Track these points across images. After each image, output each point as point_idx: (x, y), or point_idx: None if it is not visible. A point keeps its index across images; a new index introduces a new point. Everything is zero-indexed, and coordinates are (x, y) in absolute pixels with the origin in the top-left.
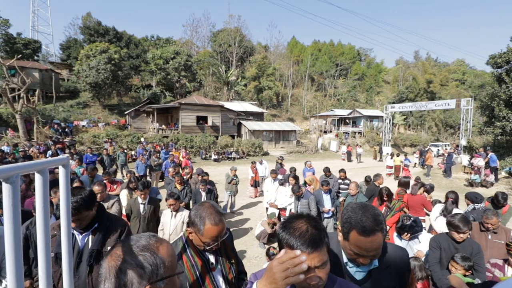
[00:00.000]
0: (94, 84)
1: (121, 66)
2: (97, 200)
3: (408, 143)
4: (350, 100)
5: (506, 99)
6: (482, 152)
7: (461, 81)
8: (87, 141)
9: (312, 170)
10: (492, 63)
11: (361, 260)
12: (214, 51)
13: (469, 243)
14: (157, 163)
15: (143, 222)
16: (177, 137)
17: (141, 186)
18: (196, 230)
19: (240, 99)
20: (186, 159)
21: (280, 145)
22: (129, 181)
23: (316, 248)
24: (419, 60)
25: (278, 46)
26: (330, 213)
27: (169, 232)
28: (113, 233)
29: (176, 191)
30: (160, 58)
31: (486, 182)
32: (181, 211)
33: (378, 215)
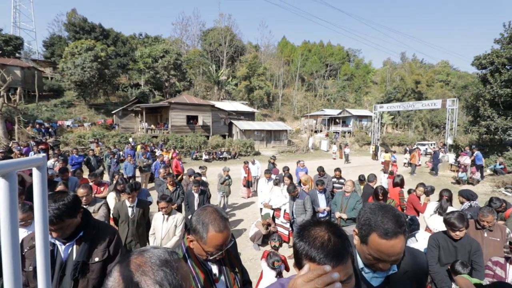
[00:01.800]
0: (79, 83)
1: (108, 64)
2: (82, 206)
3: (396, 142)
4: (340, 100)
5: (491, 99)
6: (468, 150)
7: (446, 82)
8: (72, 142)
9: (305, 170)
10: (477, 64)
11: (380, 265)
12: (204, 50)
13: (468, 241)
14: (146, 164)
15: (132, 226)
16: (167, 137)
17: (128, 188)
18: (198, 238)
19: (231, 98)
20: (176, 159)
21: (272, 145)
22: (116, 183)
23: (341, 260)
24: (405, 61)
25: (269, 46)
26: (325, 213)
27: (161, 237)
28: (100, 242)
29: (167, 193)
30: (149, 56)
31: (473, 179)
32: (174, 214)
33: (399, 216)
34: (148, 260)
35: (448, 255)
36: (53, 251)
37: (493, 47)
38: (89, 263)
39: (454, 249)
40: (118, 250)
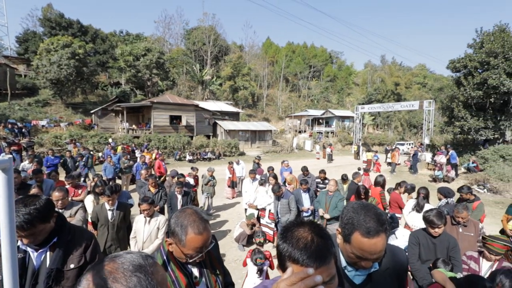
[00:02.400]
0: (55, 81)
1: (86, 62)
2: (55, 209)
3: (376, 142)
4: (323, 101)
5: (464, 101)
6: (443, 150)
7: (423, 84)
8: (48, 143)
9: (289, 170)
10: (451, 67)
11: (363, 263)
12: (188, 49)
13: (446, 238)
14: (127, 165)
15: (112, 230)
16: (149, 137)
17: (108, 190)
18: (177, 241)
19: (215, 98)
20: (159, 160)
21: (256, 145)
22: (95, 185)
23: (324, 261)
24: (385, 63)
25: (253, 47)
26: (309, 212)
27: (143, 240)
28: (76, 248)
29: (149, 195)
30: (130, 54)
31: (448, 177)
32: (156, 217)
33: (381, 214)
34: (120, 266)
35: (427, 252)
36: (25, 259)
37: (466, 52)
38: (64, 270)
39: (433, 246)
40: (96, 256)
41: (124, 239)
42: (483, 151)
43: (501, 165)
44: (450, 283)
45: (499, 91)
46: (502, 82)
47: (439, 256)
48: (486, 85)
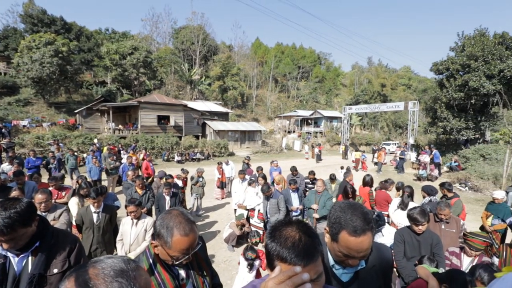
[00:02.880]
0: (37, 79)
1: (70, 60)
2: (37, 213)
3: (363, 142)
4: (312, 102)
5: (447, 102)
6: (427, 149)
7: (408, 86)
8: (29, 143)
9: (278, 170)
10: (435, 70)
11: (350, 261)
12: (176, 49)
13: (429, 235)
14: (113, 166)
15: (98, 233)
16: (136, 137)
17: (93, 192)
18: (163, 243)
19: (204, 98)
20: (147, 161)
21: (246, 145)
22: (79, 187)
23: (312, 259)
24: (372, 65)
25: (242, 47)
26: (298, 211)
27: (130, 242)
28: (60, 252)
29: (136, 196)
30: (116, 53)
31: (431, 176)
32: (143, 218)
33: (367, 213)
34: (100, 272)
35: (412, 249)
36: (5, 264)
37: (448, 54)
38: (47, 276)
39: (418, 243)
40: (80, 260)
41: (110, 242)
42: (464, 151)
43: (481, 164)
44: (433, 278)
45: (479, 93)
46: (482, 84)
47: (424, 253)
48: (467, 87)
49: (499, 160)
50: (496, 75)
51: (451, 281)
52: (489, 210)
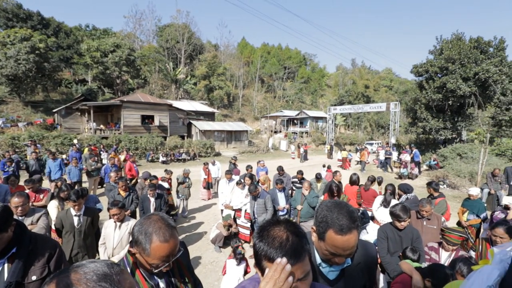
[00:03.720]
0: (12, 77)
1: (48, 57)
2: (13, 217)
3: (348, 142)
4: (298, 102)
5: (426, 103)
6: (408, 148)
7: (389, 87)
8: (4, 144)
9: (265, 169)
10: (414, 72)
11: (336, 259)
12: (161, 47)
13: (410, 230)
14: (94, 168)
15: (79, 237)
16: (118, 138)
17: (74, 195)
18: (141, 250)
19: (189, 98)
20: (130, 161)
21: (232, 145)
22: (59, 190)
23: (299, 259)
24: (355, 67)
25: (228, 46)
26: (285, 211)
27: (113, 246)
28: (38, 258)
29: (119, 198)
30: (97, 50)
31: (412, 174)
32: (127, 221)
33: (353, 212)
34: (83, 277)
35: (395, 245)
36: None
37: (428, 57)
38: (24, 283)
39: (400, 238)
40: (61, 265)
41: (92, 246)
42: (442, 150)
43: (458, 163)
44: (416, 272)
45: (456, 94)
46: (458, 86)
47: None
48: (445, 89)
49: (474, 159)
50: (471, 78)
51: (433, 274)
52: (465, 206)
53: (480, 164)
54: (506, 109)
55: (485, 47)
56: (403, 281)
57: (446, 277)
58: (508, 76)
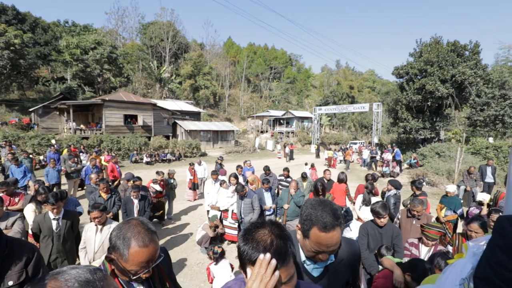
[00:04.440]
0: None
1: (23, 53)
2: None
3: (332, 141)
4: (284, 102)
5: (406, 104)
6: (390, 148)
7: (372, 88)
8: None
9: (251, 169)
10: (396, 74)
11: (321, 256)
12: (144, 45)
13: (390, 227)
14: (74, 169)
15: (58, 241)
16: (100, 138)
17: (52, 198)
18: (119, 255)
19: (174, 97)
20: (112, 162)
21: (219, 145)
22: (36, 193)
23: (283, 262)
24: (340, 68)
25: (214, 46)
26: (271, 210)
27: (94, 250)
28: (15, 262)
29: (101, 201)
30: (77, 47)
31: (394, 173)
32: (109, 224)
33: (336, 209)
34: (63, 284)
35: (375, 241)
36: None
37: (408, 60)
38: None
39: (380, 235)
40: (39, 270)
41: (72, 251)
42: (422, 149)
43: (437, 161)
44: (397, 268)
45: (435, 95)
46: (437, 88)
47: (385, 244)
48: (424, 90)
49: (451, 157)
50: (449, 80)
51: (413, 269)
52: (443, 203)
53: (456, 163)
54: (481, 110)
55: (461, 50)
56: (385, 276)
57: (425, 271)
58: (482, 78)
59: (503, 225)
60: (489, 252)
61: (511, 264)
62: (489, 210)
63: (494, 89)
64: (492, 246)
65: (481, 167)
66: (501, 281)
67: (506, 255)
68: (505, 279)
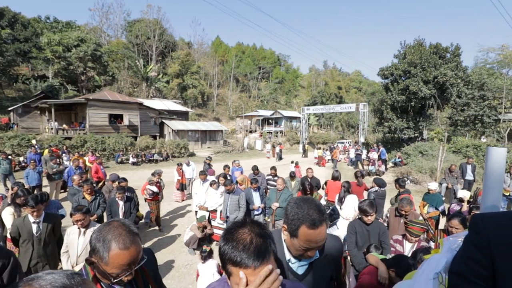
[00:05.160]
0: None
1: (2, 50)
2: None
3: (320, 141)
4: (272, 102)
5: (391, 104)
6: (375, 147)
7: (359, 89)
8: None
9: (240, 169)
10: (381, 75)
11: (309, 253)
12: (130, 43)
13: (377, 225)
14: (56, 170)
15: (38, 245)
16: (83, 138)
17: (32, 201)
18: (99, 258)
19: (162, 97)
20: (96, 163)
21: (207, 145)
22: (15, 195)
23: (262, 260)
24: (327, 68)
25: (202, 44)
26: (260, 210)
27: (77, 254)
28: None
29: (84, 203)
30: (59, 44)
31: (379, 171)
32: (92, 227)
33: (320, 205)
34: None
35: (363, 239)
36: None
37: (393, 61)
38: None
39: (367, 233)
40: (15, 277)
41: (53, 255)
42: (406, 148)
43: (420, 160)
44: (382, 264)
45: (418, 96)
46: (420, 89)
47: (372, 241)
48: (408, 91)
49: (434, 156)
50: (431, 81)
51: (397, 265)
52: (425, 200)
53: (439, 161)
54: (461, 110)
55: (443, 52)
56: (370, 272)
57: (409, 267)
58: (463, 80)
59: (477, 223)
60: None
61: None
62: (470, 207)
63: (473, 90)
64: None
65: (462, 165)
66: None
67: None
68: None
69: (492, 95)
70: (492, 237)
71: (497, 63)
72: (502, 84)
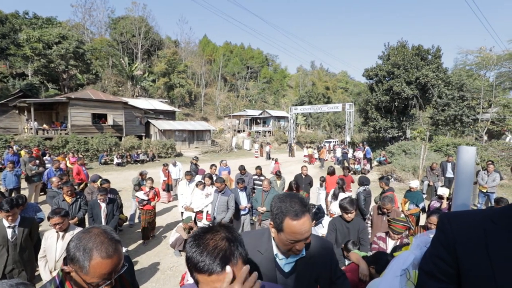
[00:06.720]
0: None
1: None
2: None
3: (308, 140)
4: (260, 102)
5: (376, 104)
6: (361, 146)
7: (345, 89)
8: None
9: (227, 169)
10: (366, 75)
11: (297, 246)
12: (114, 40)
13: (357, 222)
14: (35, 172)
15: (13, 251)
16: (65, 138)
17: (6, 204)
18: (78, 268)
19: (148, 96)
20: (78, 165)
21: (195, 145)
22: None
23: (226, 263)
24: (315, 69)
25: (189, 43)
26: (246, 210)
27: (55, 259)
28: None
29: (65, 205)
30: (39, 41)
31: (365, 170)
32: (72, 230)
33: (303, 198)
34: None
35: (343, 236)
36: None
37: (377, 62)
38: None
39: (347, 230)
40: None
41: (30, 260)
42: (390, 147)
43: (403, 158)
44: (363, 261)
45: (401, 96)
46: (403, 89)
47: (352, 238)
48: (392, 91)
49: (416, 154)
50: (413, 82)
51: (377, 262)
52: (407, 197)
53: (421, 159)
54: (442, 110)
55: (424, 54)
56: (352, 269)
57: (388, 264)
58: (443, 81)
59: (443, 222)
60: (432, 247)
61: (450, 259)
62: (449, 204)
63: (453, 91)
64: (435, 241)
65: (442, 163)
66: (441, 274)
67: (445, 250)
68: (445, 273)
69: (471, 96)
70: (457, 237)
71: (475, 65)
72: (480, 85)
